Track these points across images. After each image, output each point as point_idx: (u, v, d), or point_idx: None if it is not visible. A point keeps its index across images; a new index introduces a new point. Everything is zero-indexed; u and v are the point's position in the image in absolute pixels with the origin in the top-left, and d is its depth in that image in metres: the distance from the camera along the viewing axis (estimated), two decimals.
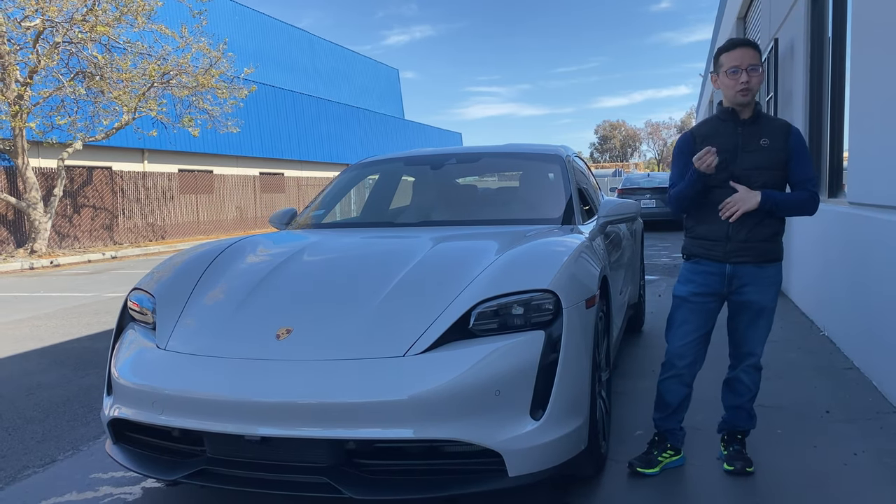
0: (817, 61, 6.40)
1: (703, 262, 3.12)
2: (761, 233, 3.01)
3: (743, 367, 3.20)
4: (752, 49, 2.98)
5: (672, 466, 3.24)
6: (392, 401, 2.40)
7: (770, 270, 3.07)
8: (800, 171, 3.02)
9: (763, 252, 3.02)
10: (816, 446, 3.37)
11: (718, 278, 3.09)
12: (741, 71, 2.94)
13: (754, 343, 3.16)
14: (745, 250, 3.02)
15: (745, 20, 14.00)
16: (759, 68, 2.99)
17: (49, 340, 6.60)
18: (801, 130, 6.81)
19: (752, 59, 2.96)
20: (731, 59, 2.98)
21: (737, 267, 3.05)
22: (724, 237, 3.04)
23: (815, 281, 6.04)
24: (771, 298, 3.09)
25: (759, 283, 3.06)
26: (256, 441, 2.47)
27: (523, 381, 2.54)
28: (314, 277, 3.10)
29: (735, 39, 3.03)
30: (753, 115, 3.04)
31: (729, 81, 2.98)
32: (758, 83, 2.99)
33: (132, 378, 2.75)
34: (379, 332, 2.62)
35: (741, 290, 3.08)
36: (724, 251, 3.04)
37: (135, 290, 3.22)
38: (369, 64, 46.25)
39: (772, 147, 2.99)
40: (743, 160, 3.00)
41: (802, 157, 3.02)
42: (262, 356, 2.60)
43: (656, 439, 3.28)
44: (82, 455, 3.60)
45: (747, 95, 2.96)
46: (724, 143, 3.01)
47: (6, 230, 16.51)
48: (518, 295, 2.68)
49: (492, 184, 4.67)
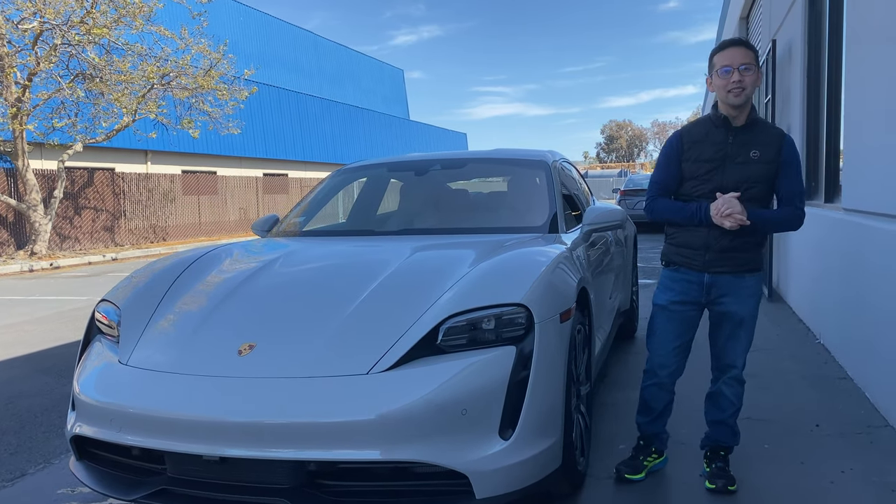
0: (815, 64, 6.29)
1: (682, 270, 3.05)
2: (741, 243, 2.92)
3: (725, 379, 3.11)
4: (745, 48, 2.85)
5: (656, 469, 3.24)
6: (353, 421, 2.32)
7: (749, 281, 2.98)
8: (788, 184, 2.90)
9: (742, 262, 2.95)
10: (804, 462, 3.27)
11: (697, 287, 3.02)
12: (733, 70, 2.82)
13: (734, 355, 3.07)
14: (724, 260, 2.94)
15: (747, 20, 13.88)
16: (754, 68, 2.85)
17: (37, 346, 6.54)
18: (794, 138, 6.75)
19: (744, 59, 2.83)
20: (724, 58, 2.86)
21: (715, 277, 2.97)
22: (703, 246, 2.96)
23: (811, 287, 5.94)
24: (750, 309, 3.01)
25: (738, 294, 2.98)
26: (216, 461, 2.40)
27: (492, 400, 2.45)
28: (282, 291, 3.02)
29: (728, 39, 2.92)
30: (747, 123, 2.91)
31: (721, 82, 2.86)
32: (752, 83, 2.85)
33: (92, 394, 2.67)
34: (343, 349, 2.54)
35: (720, 301, 3.00)
36: (704, 261, 2.97)
37: (102, 302, 3.15)
38: (374, 64, 46.19)
39: (762, 160, 2.87)
40: (731, 172, 2.88)
41: (792, 169, 2.91)
42: (223, 373, 2.52)
43: (641, 444, 3.26)
44: (53, 469, 3.53)
45: (740, 96, 2.83)
46: (713, 152, 2.91)
47: (6, 232, 16.51)
48: (489, 309, 2.60)
49: (476, 190, 4.58)
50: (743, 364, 3.09)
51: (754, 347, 5.37)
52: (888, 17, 3.74)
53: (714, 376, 3.17)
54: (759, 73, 2.90)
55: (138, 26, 15.74)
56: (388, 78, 48.00)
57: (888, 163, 3.75)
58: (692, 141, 2.98)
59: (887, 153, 3.76)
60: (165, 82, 17.07)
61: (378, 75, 46.31)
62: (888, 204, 3.77)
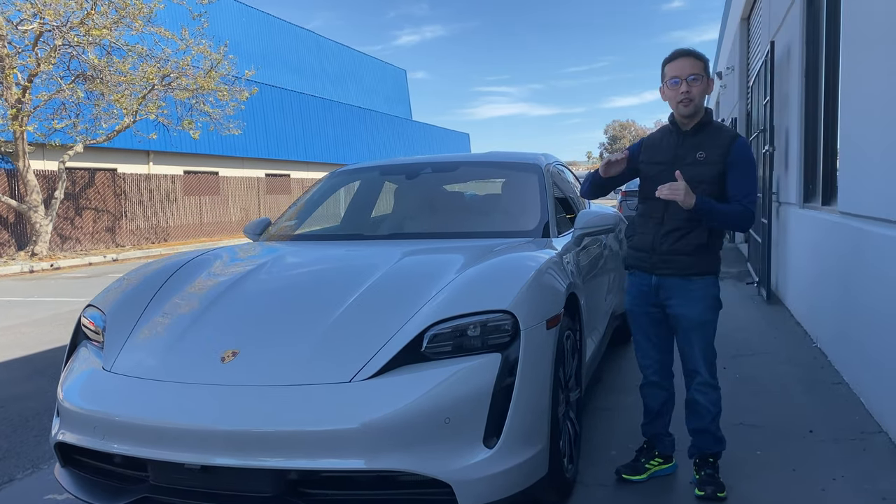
0: (812, 66, 6.25)
1: (637, 273, 3.14)
2: (685, 246, 2.95)
3: (694, 386, 3.09)
4: (693, 58, 2.92)
5: (662, 474, 3.23)
6: (333, 430, 2.30)
7: (696, 284, 2.98)
8: (735, 185, 2.91)
9: (687, 265, 2.97)
10: (795, 469, 3.24)
11: (647, 289, 3.09)
12: (682, 81, 2.90)
13: (694, 360, 3.05)
14: (669, 263, 2.99)
15: (748, 21, 13.84)
16: (703, 78, 2.92)
17: (33, 348, 6.54)
18: (792, 140, 6.71)
19: (693, 69, 2.90)
20: (673, 69, 2.94)
21: (662, 279, 3.02)
22: (650, 248, 3.04)
23: (809, 289, 5.90)
24: (699, 313, 2.98)
25: (685, 297, 2.99)
26: (198, 469, 2.38)
27: (477, 408, 2.43)
28: (268, 297, 3.00)
29: (678, 49, 2.97)
30: (695, 127, 2.97)
31: (670, 92, 2.95)
32: (700, 93, 2.92)
33: (75, 401, 2.66)
34: (326, 357, 2.52)
35: (668, 303, 3.04)
36: (651, 262, 3.04)
37: (89, 307, 3.14)
38: (377, 64, 46.17)
39: (707, 161, 2.93)
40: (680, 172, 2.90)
41: (740, 171, 2.91)
42: (206, 381, 2.50)
43: (644, 446, 3.27)
44: (41, 474, 3.51)
45: (689, 106, 2.92)
46: (663, 156, 3.01)
47: (7, 233, 16.53)
48: (474, 316, 2.58)
49: (468, 194, 4.55)
50: (707, 370, 3.04)
51: (751, 351, 5.41)
52: (885, 18, 3.71)
53: (685, 383, 3.14)
54: (710, 82, 2.97)
55: (138, 27, 15.73)
56: (391, 78, 47.98)
57: (884, 166, 3.72)
58: (649, 144, 3.14)
59: (883, 157, 3.73)
60: (166, 83, 17.06)
61: (380, 75, 46.28)
62: (884, 208, 3.74)
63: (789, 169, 7.15)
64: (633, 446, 3.41)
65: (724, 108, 18.55)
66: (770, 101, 7.43)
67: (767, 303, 7.50)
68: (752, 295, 8.08)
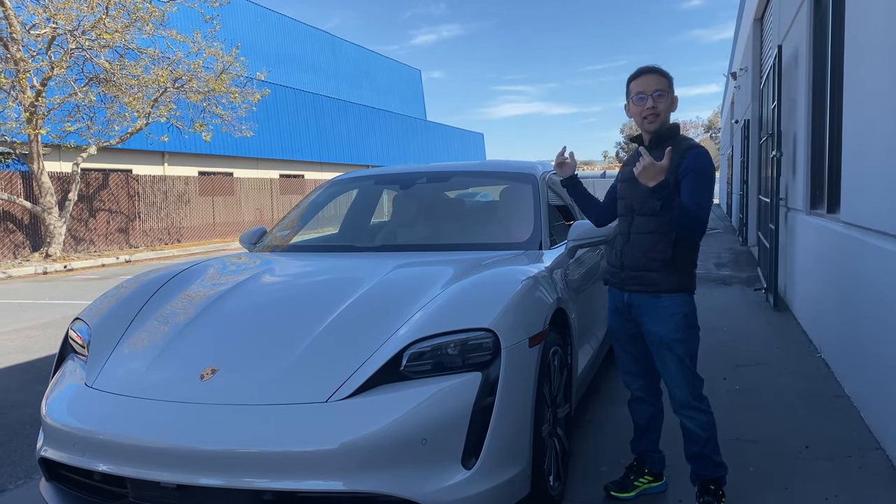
0: (819, 71, 6.17)
1: (612, 290, 3.14)
2: (650, 262, 2.91)
3: (676, 411, 2.99)
4: (657, 75, 2.91)
5: (652, 492, 3.18)
6: (312, 451, 2.28)
7: (665, 302, 2.90)
8: (688, 193, 2.80)
9: (654, 282, 2.91)
10: (787, 488, 3.19)
11: (621, 305, 3.07)
12: (647, 97, 2.89)
13: (671, 382, 2.95)
14: (637, 279, 2.96)
15: (761, 22, 13.71)
16: (667, 94, 2.91)
17: (38, 353, 6.59)
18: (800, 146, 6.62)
19: (657, 85, 2.89)
20: (638, 85, 2.92)
21: (632, 295, 3.00)
22: (619, 264, 3.03)
23: (814, 298, 5.82)
24: (669, 331, 2.88)
25: (655, 314, 2.92)
26: (174, 488, 2.38)
27: (455, 428, 2.41)
28: (250, 313, 2.99)
29: (643, 67, 2.96)
30: (655, 141, 2.96)
31: (636, 108, 2.94)
32: (665, 109, 2.91)
33: (57, 417, 2.66)
34: (303, 376, 2.50)
35: (640, 320, 3.00)
36: (620, 279, 3.03)
37: (77, 320, 3.15)
38: (391, 65, 46.23)
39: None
40: (640, 186, 2.86)
41: (692, 180, 2.81)
42: (183, 398, 2.50)
43: (634, 464, 3.23)
44: (33, 485, 3.53)
45: (654, 122, 2.91)
46: (629, 171, 3.00)
47: (22, 234, 16.71)
48: (455, 334, 2.56)
49: (461, 203, 4.52)
50: (688, 392, 2.92)
51: (754, 361, 5.35)
52: (884, 27, 3.64)
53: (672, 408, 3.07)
54: (674, 99, 2.96)
55: (149, 31, 15.84)
56: (406, 78, 48.03)
57: (881, 177, 3.65)
58: (624, 164, 3.18)
59: (881, 167, 3.66)
60: (179, 85, 17.17)
61: (395, 75, 46.34)
62: (881, 220, 3.67)
63: (797, 175, 7.07)
64: (624, 462, 3.37)
65: (739, 109, 18.40)
66: (777, 105, 7.34)
67: (774, 310, 7.42)
68: (760, 301, 8.00)
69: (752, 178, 13.73)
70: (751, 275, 10.20)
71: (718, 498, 2.96)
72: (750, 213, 14.08)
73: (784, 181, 7.91)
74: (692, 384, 2.93)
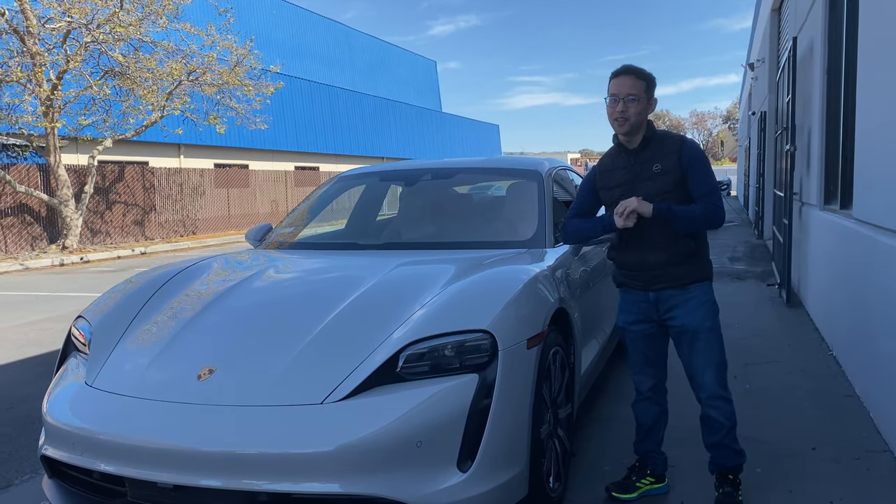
0: (834, 66, 6.07)
1: (630, 291, 3.07)
2: (670, 256, 2.89)
3: (705, 401, 3.01)
4: (632, 77, 2.85)
5: (654, 493, 3.16)
6: (307, 452, 2.28)
7: (694, 291, 2.93)
8: (696, 186, 2.86)
9: (681, 275, 2.91)
10: (792, 490, 3.15)
11: (646, 305, 3.02)
12: (619, 100, 2.83)
13: (701, 373, 2.97)
14: (663, 277, 2.92)
15: (779, 12, 13.51)
16: (641, 98, 2.85)
17: (51, 346, 6.65)
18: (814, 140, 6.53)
19: (630, 89, 2.83)
20: (614, 86, 2.88)
21: (660, 293, 2.96)
22: (639, 266, 2.97)
23: (826, 294, 5.75)
24: (701, 320, 2.92)
25: (686, 306, 2.93)
26: (171, 488, 2.38)
27: (451, 430, 2.40)
28: (250, 312, 2.99)
29: (624, 66, 2.90)
30: (641, 143, 2.92)
31: (608, 109, 2.89)
32: (636, 113, 2.85)
33: (57, 416, 2.68)
34: (300, 377, 2.50)
35: (670, 316, 2.97)
36: (644, 280, 2.97)
37: (79, 318, 3.16)
38: (407, 56, 46.15)
39: (665, 170, 2.87)
40: (640, 189, 2.88)
41: (697, 171, 2.86)
42: (180, 399, 2.50)
43: (636, 465, 3.21)
44: (39, 480, 3.54)
45: (623, 126, 2.86)
46: (621, 177, 2.96)
47: (40, 227, 16.88)
48: (452, 336, 2.54)
49: (465, 201, 4.49)
50: (717, 381, 2.96)
51: (765, 359, 5.29)
52: None
53: (697, 398, 3.07)
54: (650, 103, 2.91)
55: (163, 24, 15.91)
56: (421, 70, 47.93)
57: (889, 174, 3.59)
58: (602, 171, 3.07)
59: (890, 163, 3.60)
60: (193, 78, 17.24)
61: (411, 67, 46.25)
62: (890, 218, 3.61)
63: (811, 169, 6.97)
64: (627, 462, 3.35)
65: (756, 100, 18.19)
66: (792, 99, 7.24)
67: (787, 305, 7.34)
68: (773, 297, 7.91)
69: (767, 170, 13.58)
70: (765, 269, 10.10)
71: (736, 487, 2.98)
72: (766, 206, 13.94)
73: (798, 175, 7.81)
74: (721, 373, 2.97)
